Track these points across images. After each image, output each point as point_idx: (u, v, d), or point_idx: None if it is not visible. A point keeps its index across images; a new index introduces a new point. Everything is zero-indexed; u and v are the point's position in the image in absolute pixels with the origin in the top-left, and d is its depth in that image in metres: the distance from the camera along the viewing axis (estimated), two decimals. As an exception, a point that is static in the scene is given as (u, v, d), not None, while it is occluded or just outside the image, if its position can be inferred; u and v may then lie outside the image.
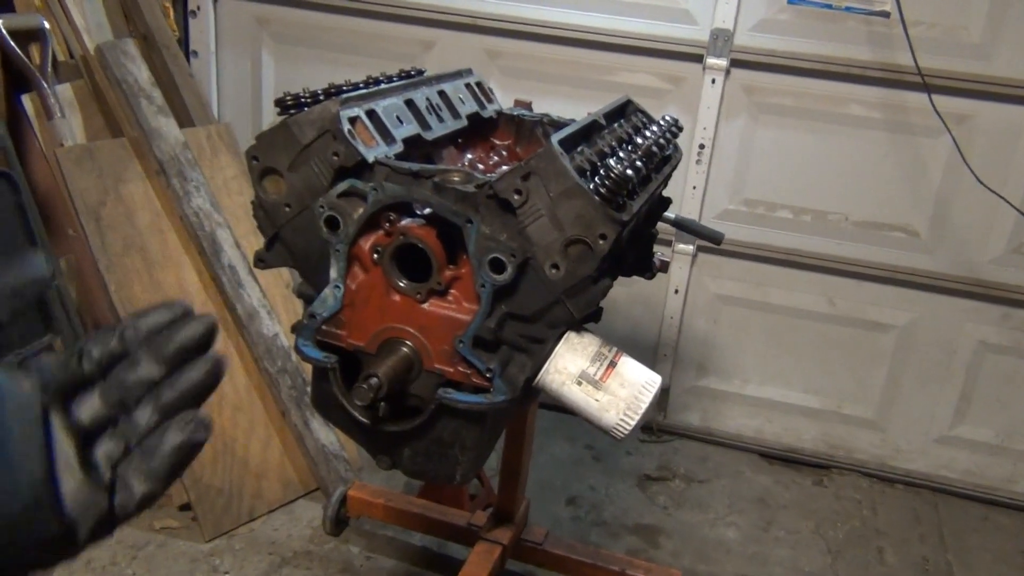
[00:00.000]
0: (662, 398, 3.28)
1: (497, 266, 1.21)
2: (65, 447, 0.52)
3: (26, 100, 2.60)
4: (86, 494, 0.53)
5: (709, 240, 2.30)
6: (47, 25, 2.62)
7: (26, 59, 2.57)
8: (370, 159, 1.28)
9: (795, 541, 2.78)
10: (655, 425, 3.27)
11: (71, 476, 0.52)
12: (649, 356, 3.23)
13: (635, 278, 1.87)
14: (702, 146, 2.95)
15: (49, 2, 2.65)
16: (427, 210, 1.27)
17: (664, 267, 1.86)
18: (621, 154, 1.33)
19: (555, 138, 1.24)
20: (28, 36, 2.61)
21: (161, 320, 0.60)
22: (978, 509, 3.05)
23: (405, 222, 1.27)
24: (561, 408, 1.31)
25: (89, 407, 0.55)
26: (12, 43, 2.52)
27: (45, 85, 2.58)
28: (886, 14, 2.69)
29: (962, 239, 2.88)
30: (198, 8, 3.23)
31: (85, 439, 0.55)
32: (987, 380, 3.03)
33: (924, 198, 2.87)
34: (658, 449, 3.19)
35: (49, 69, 2.61)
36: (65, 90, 2.66)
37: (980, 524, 2.97)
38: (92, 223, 2.50)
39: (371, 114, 1.36)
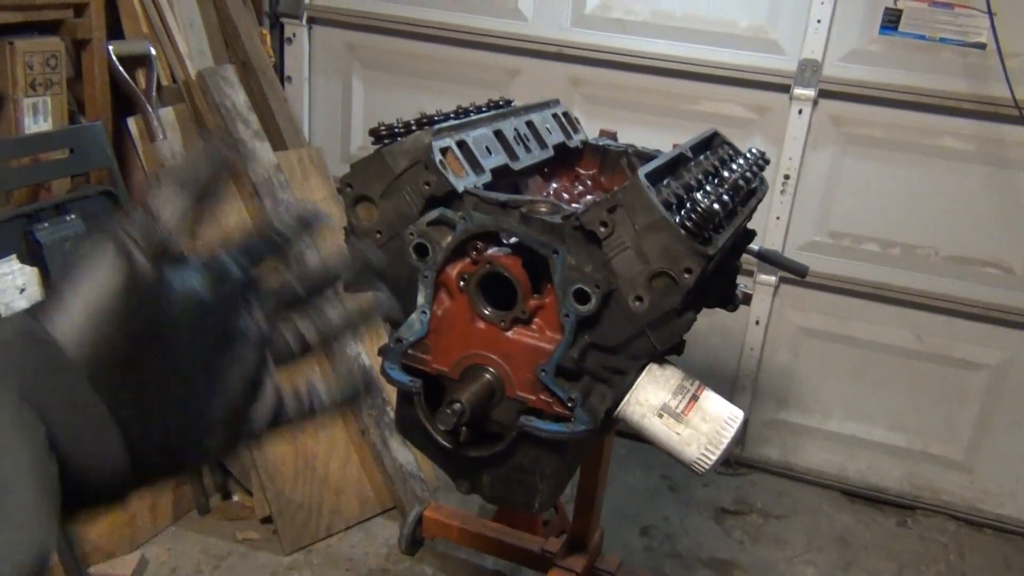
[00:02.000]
0: (742, 432, 3.23)
1: (581, 297, 1.22)
2: (234, 351, 0.52)
3: (131, 123, 2.72)
4: (250, 403, 0.53)
5: (793, 273, 2.27)
6: (153, 51, 2.74)
7: (133, 83, 2.69)
8: (460, 189, 1.31)
9: (876, 583, 2.70)
10: (732, 458, 3.22)
11: (236, 385, 0.52)
12: (728, 387, 3.19)
13: (716, 309, 1.86)
14: (787, 176, 2.92)
15: (156, 29, 2.78)
16: (513, 240, 1.29)
17: (747, 299, 1.84)
18: (708, 187, 1.34)
19: (642, 171, 1.25)
20: (135, 61, 2.74)
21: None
22: (1073, 559, 2.92)
23: (492, 251, 1.30)
24: (640, 438, 1.32)
25: (266, 304, 0.54)
26: (121, 68, 2.65)
27: (150, 108, 2.70)
28: (982, 46, 2.63)
29: (1060, 277, 2.78)
30: (293, 35, 3.35)
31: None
32: (1085, 424, 2.91)
33: (1019, 234, 2.78)
34: (735, 482, 3.15)
35: (154, 93, 2.73)
36: (168, 113, 2.78)
37: (1075, 575, 2.85)
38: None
39: (461, 145, 1.39)
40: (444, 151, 1.34)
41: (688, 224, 1.20)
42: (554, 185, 1.75)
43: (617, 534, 2.76)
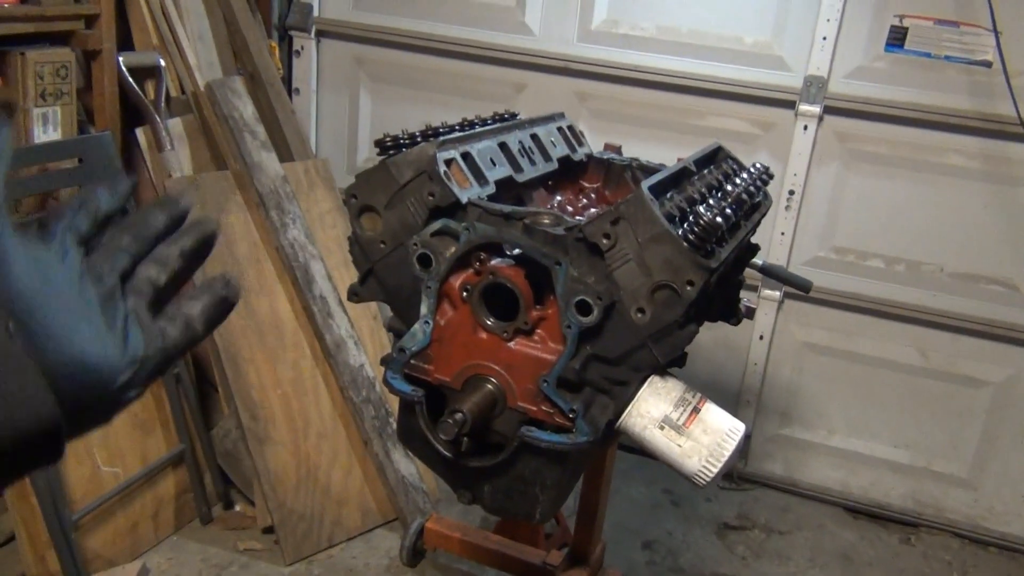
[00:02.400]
0: (744, 445, 3.22)
1: (584, 308, 1.22)
2: (114, 299, 0.54)
3: (139, 133, 2.75)
4: (144, 334, 0.55)
5: (798, 288, 2.28)
6: (163, 63, 2.77)
7: (142, 94, 2.72)
8: (464, 200, 1.32)
9: (880, 601, 2.69)
10: (736, 473, 3.21)
11: (120, 318, 0.54)
12: (731, 402, 3.19)
13: (720, 323, 1.86)
14: (792, 192, 2.92)
15: (165, 41, 2.81)
16: (517, 251, 1.30)
17: (750, 313, 1.85)
18: (711, 201, 1.34)
19: (645, 184, 1.26)
20: (144, 72, 2.76)
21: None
22: (1078, 579, 2.90)
23: (495, 262, 1.31)
24: (641, 451, 1.32)
25: (105, 259, 0.56)
26: (131, 79, 2.68)
27: (158, 119, 2.73)
28: (987, 64, 2.64)
29: (1065, 295, 2.78)
30: (302, 48, 3.37)
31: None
32: (1090, 443, 2.90)
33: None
34: (738, 497, 3.14)
35: (162, 104, 2.76)
36: (176, 124, 2.81)
37: (1080, 595, 2.83)
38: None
39: (466, 156, 1.40)
40: (448, 162, 1.35)
41: (691, 237, 1.21)
42: (558, 198, 1.76)
43: (619, 548, 2.75)
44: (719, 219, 1.22)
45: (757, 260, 2.04)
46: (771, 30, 2.86)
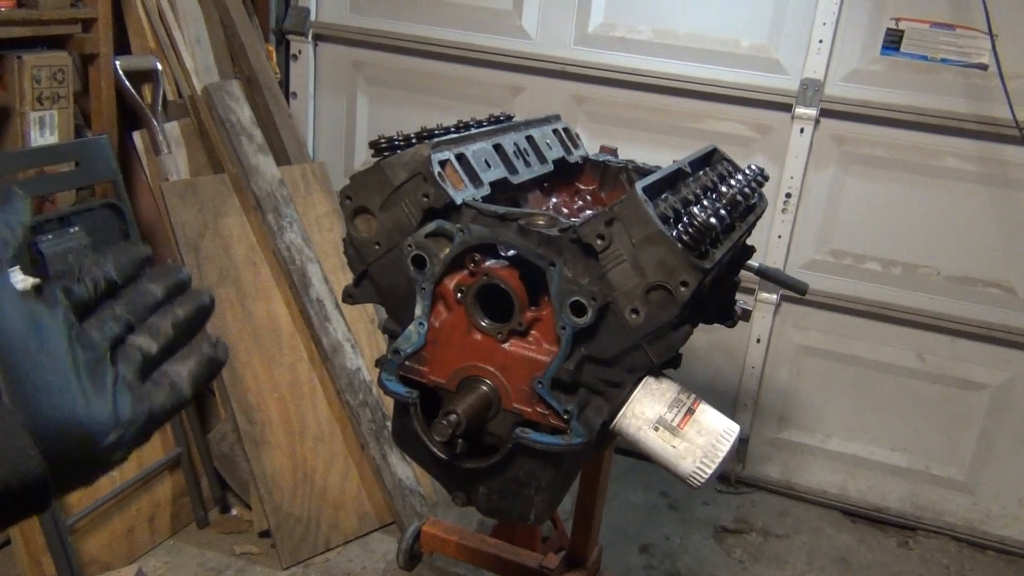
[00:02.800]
0: (741, 449, 3.22)
1: (578, 309, 1.22)
2: (103, 364, 0.56)
3: (137, 136, 2.75)
4: (131, 399, 0.56)
5: (793, 290, 2.27)
6: (159, 66, 2.77)
7: (139, 98, 2.72)
8: (458, 201, 1.32)
9: (877, 604, 2.69)
10: (733, 476, 3.21)
11: (108, 384, 0.55)
12: (729, 405, 3.18)
13: (717, 326, 1.86)
14: (788, 195, 2.93)
15: (163, 45, 2.81)
16: (511, 252, 1.30)
17: (746, 316, 1.84)
18: (705, 202, 1.34)
19: (639, 185, 1.26)
20: (142, 76, 2.76)
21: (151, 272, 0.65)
22: (1077, 582, 2.90)
23: (489, 263, 1.30)
24: (637, 454, 1.31)
25: (98, 326, 0.58)
26: (127, 83, 2.68)
27: (155, 122, 2.73)
28: (983, 66, 2.64)
29: (1062, 298, 2.78)
30: (299, 52, 3.38)
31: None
32: (1088, 446, 2.89)
33: (1021, 254, 2.79)
34: (736, 501, 3.13)
35: (159, 108, 2.76)
36: (173, 128, 2.81)
37: (1078, 598, 2.83)
38: (191, 254, 2.61)
39: (460, 158, 1.40)
40: (443, 164, 1.35)
41: (685, 238, 1.20)
42: (554, 200, 1.76)
43: (617, 552, 2.75)
44: (713, 220, 1.22)
45: (753, 262, 2.04)
46: (767, 33, 2.86)
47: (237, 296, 2.67)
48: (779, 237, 2.98)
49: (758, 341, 3.11)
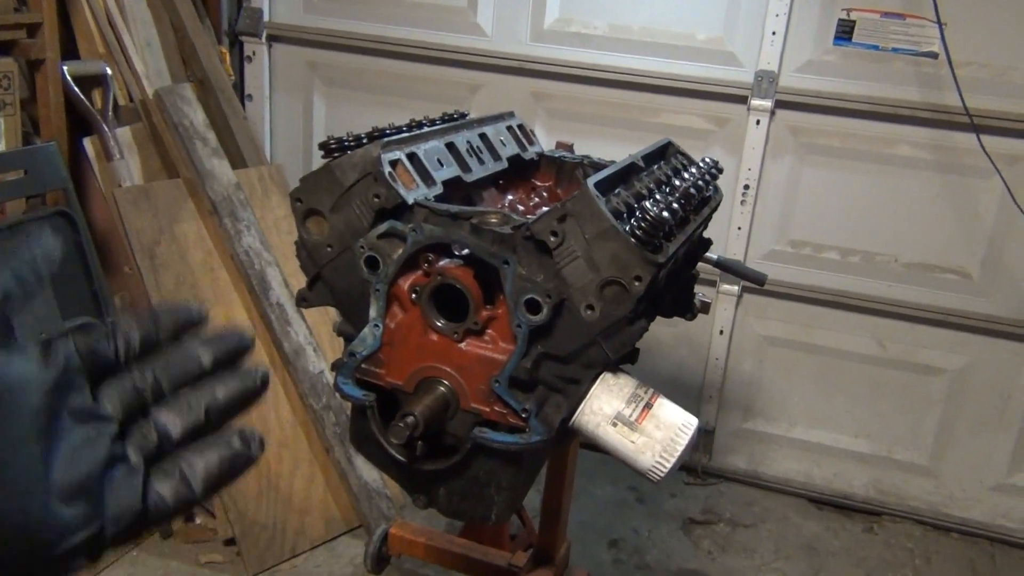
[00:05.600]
0: (707, 440, 3.24)
1: (533, 307, 1.21)
2: (80, 438, 0.47)
3: (87, 143, 2.70)
4: (122, 491, 0.48)
5: (752, 281, 2.29)
6: (109, 71, 2.73)
7: (88, 104, 2.67)
8: (410, 201, 1.30)
9: (844, 590, 2.71)
10: (700, 468, 3.23)
11: (93, 470, 0.47)
12: (694, 398, 3.20)
13: (680, 319, 1.86)
14: (747, 187, 2.94)
15: (112, 49, 2.76)
16: (465, 251, 1.29)
17: (705, 308, 1.85)
18: (658, 196, 1.34)
19: (591, 181, 1.25)
20: (91, 81, 2.72)
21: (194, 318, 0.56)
22: (1037, 560, 2.95)
23: (443, 263, 1.29)
24: (597, 449, 1.31)
25: (118, 393, 0.50)
26: (76, 88, 2.63)
27: (106, 128, 2.68)
28: (934, 55, 2.67)
29: (1016, 281, 2.82)
30: (253, 54, 3.34)
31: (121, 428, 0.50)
32: (1045, 426, 2.94)
33: (976, 240, 2.83)
34: (703, 492, 3.15)
35: (110, 113, 2.71)
36: (125, 133, 2.76)
37: (1040, 576, 2.87)
38: (147, 261, 2.57)
39: (412, 157, 1.39)
40: (394, 163, 1.33)
41: (638, 232, 1.20)
42: (510, 197, 1.75)
43: (586, 547, 2.75)
44: (666, 214, 1.22)
45: (712, 255, 2.05)
46: (722, 26, 2.87)
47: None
48: (738, 229, 2.99)
49: (721, 333, 3.13)
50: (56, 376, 0.47)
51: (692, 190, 1.43)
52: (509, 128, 1.79)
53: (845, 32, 2.74)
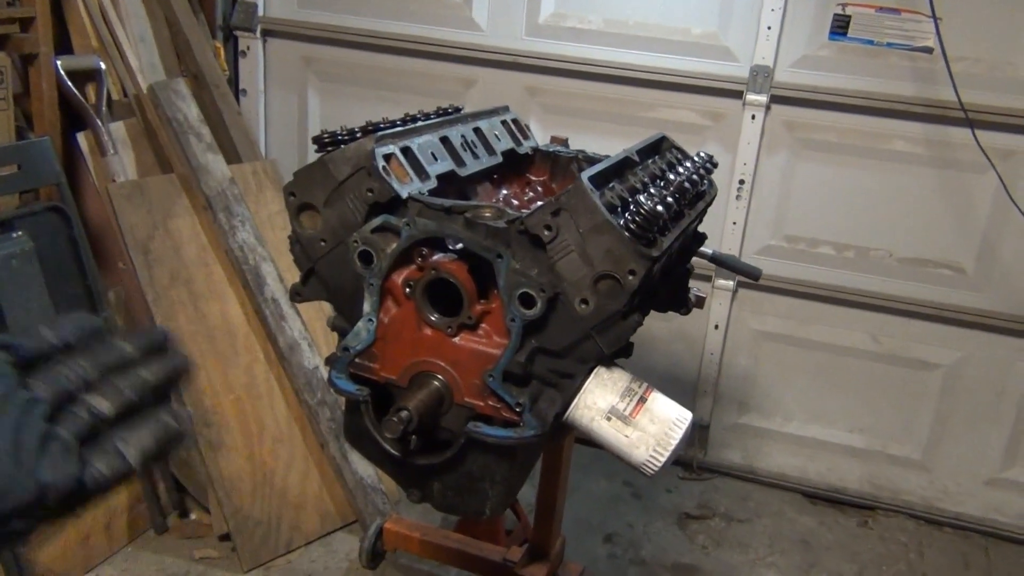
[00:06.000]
0: (702, 435, 3.24)
1: (527, 301, 1.21)
2: (16, 417, 0.52)
3: (81, 138, 2.69)
4: (58, 461, 0.52)
5: (746, 276, 2.29)
6: (103, 66, 2.71)
7: (82, 98, 2.66)
8: (404, 195, 1.30)
9: (839, 584, 2.72)
10: (695, 463, 3.23)
11: (31, 442, 0.52)
12: (689, 392, 3.20)
13: (675, 314, 1.86)
14: (742, 182, 2.94)
15: (105, 44, 2.75)
16: (459, 245, 1.29)
17: (700, 303, 1.85)
18: (652, 190, 1.34)
19: (585, 175, 1.25)
20: (85, 76, 2.70)
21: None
22: (1031, 555, 2.96)
23: (437, 257, 1.29)
24: (591, 442, 1.31)
25: (46, 381, 0.55)
26: (69, 83, 2.61)
27: (100, 123, 2.67)
28: (929, 50, 2.67)
29: (1011, 276, 2.82)
30: (247, 48, 3.33)
31: (53, 410, 0.55)
32: (1039, 421, 2.95)
33: (970, 235, 2.83)
34: (698, 487, 3.15)
35: (104, 108, 2.70)
36: (118, 128, 2.75)
37: (1033, 570, 2.88)
38: (141, 256, 2.56)
39: (406, 151, 1.39)
40: (388, 157, 1.33)
41: (632, 226, 1.20)
42: (504, 192, 1.75)
43: (581, 542, 2.75)
44: (660, 208, 1.22)
45: (707, 249, 2.04)
46: (717, 21, 2.87)
47: (189, 297, 2.62)
48: (734, 224, 2.99)
49: (716, 328, 3.13)
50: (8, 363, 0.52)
51: (686, 184, 1.43)
52: (504, 122, 1.79)
53: (840, 27, 2.74)
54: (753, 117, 2.88)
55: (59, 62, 2.61)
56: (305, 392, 2.65)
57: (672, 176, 1.46)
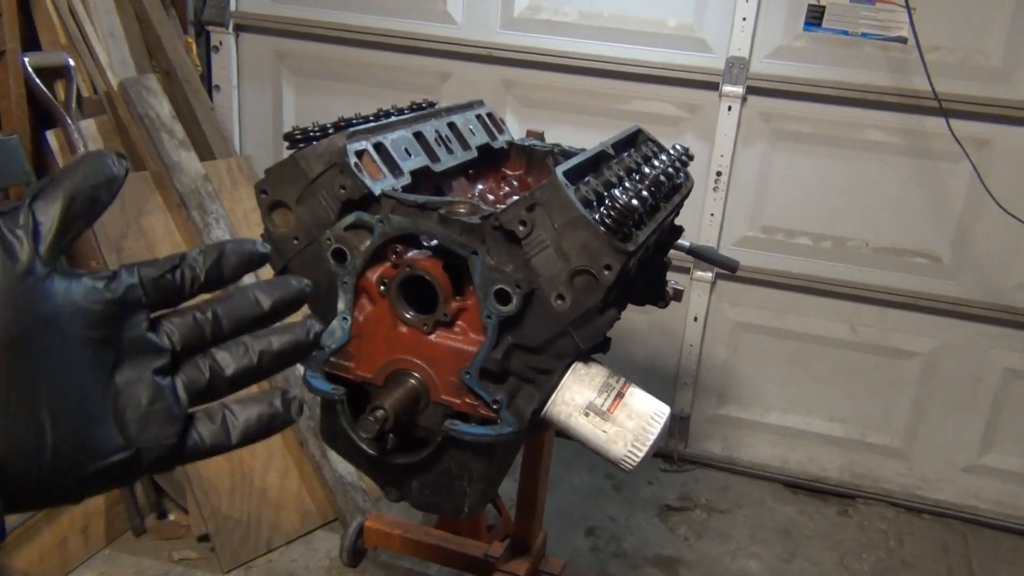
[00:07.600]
0: (683, 427, 3.25)
1: (503, 297, 1.20)
2: (132, 366, 0.49)
3: (51, 136, 2.64)
4: (157, 420, 0.50)
5: (724, 268, 2.29)
6: (72, 62, 2.67)
7: (51, 96, 2.61)
8: (377, 192, 1.29)
9: (819, 573, 2.73)
10: (676, 454, 3.24)
11: (139, 398, 0.49)
12: (669, 384, 3.21)
13: (654, 307, 1.86)
14: (719, 173, 2.94)
15: (74, 40, 2.70)
16: (433, 242, 1.27)
17: (678, 296, 1.85)
18: (627, 184, 1.33)
19: (560, 169, 1.24)
20: (54, 73, 2.66)
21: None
22: (1009, 540, 2.98)
23: (411, 254, 1.28)
24: (570, 438, 1.30)
25: (178, 327, 0.52)
26: (38, 80, 2.57)
27: (69, 121, 2.63)
28: (903, 40, 2.68)
29: (985, 264, 2.84)
30: (220, 44, 3.29)
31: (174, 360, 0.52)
32: (1015, 407, 2.98)
33: (946, 223, 2.85)
34: (679, 479, 3.16)
35: (73, 105, 2.66)
36: (89, 125, 2.71)
37: (1011, 555, 2.91)
38: (113, 255, 2.53)
39: (378, 147, 1.37)
40: (360, 154, 1.31)
41: (607, 221, 1.19)
42: (479, 187, 1.74)
43: (563, 536, 2.75)
44: (635, 202, 1.21)
45: (684, 242, 2.04)
46: (692, 12, 2.87)
47: (164, 297, 2.59)
48: (711, 215, 3.00)
49: (695, 320, 3.13)
50: (115, 305, 0.49)
51: (662, 178, 1.42)
52: (479, 117, 1.78)
53: (815, 17, 2.74)
54: (729, 108, 2.88)
55: (27, 59, 2.57)
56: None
57: (648, 170, 1.45)
